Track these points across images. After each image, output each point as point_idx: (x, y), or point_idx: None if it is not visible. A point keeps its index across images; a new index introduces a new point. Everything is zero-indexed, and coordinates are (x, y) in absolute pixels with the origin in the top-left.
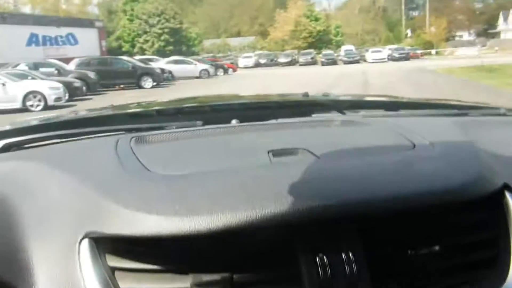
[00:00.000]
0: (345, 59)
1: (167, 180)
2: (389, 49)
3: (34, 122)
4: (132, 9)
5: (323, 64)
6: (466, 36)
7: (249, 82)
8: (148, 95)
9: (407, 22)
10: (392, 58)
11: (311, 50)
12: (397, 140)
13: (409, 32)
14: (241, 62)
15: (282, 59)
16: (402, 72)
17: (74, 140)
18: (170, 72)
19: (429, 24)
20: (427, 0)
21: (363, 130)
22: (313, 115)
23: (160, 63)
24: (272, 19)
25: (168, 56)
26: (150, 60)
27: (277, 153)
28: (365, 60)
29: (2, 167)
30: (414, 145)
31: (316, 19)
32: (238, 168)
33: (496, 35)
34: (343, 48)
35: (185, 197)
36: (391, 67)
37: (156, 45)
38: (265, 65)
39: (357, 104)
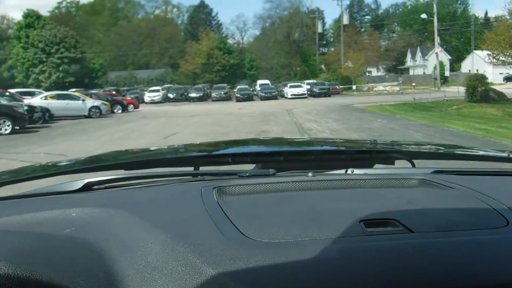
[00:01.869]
0: (262, 94)
1: (269, 250)
2: (308, 83)
3: (110, 159)
4: (27, 36)
5: (238, 99)
6: (374, 72)
7: (149, 127)
8: None
9: (319, 57)
10: (312, 94)
11: (225, 85)
12: (487, 211)
13: (323, 67)
14: (148, 96)
15: (193, 94)
16: (334, 112)
17: (155, 184)
18: (46, 110)
19: (344, 59)
20: (341, 35)
21: (448, 195)
22: (386, 168)
23: (35, 99)
24: (183, 51)
25: (67, 88)
26: (30, 93)
27: (369, 223)
28: (283, 96)
29: (92, 211)
30: (508, 222)
31: (229, 52)
32: (336, 238)
33: (404, 71)
34: (259, 82)
35: (288, 271)
36: (317, 105)
37: (53, 76)
38: (174, 100)
39: (426, 155)
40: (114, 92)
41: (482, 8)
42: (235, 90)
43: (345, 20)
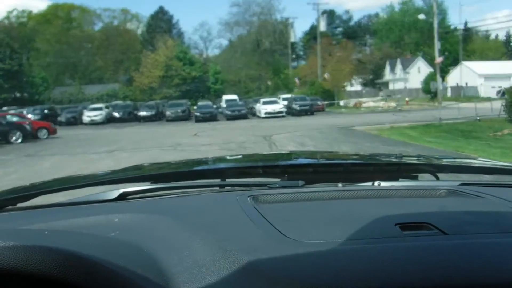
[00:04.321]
0: (228, 112)
1: (311, 248)
2: (284, 99)
3: (145, 171)
4: None
5: (197, 119)
6: (348, 86)
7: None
8: None
9: (291, 70)
10: (292, 112)
11: (183, 101)
12: None
13: (297, 80)
14: (87, 116)
15: (142, 112)
16: (342, 142)
17: (188, 194)
18: None
19: (322, 71)
20: (318, 43)
21: (477, 203)
22: (412, 181)
23: None
24: (139, 63)
25: (1, 106)
26: None
27: (404, 227)
28: (254, 114)
29: (134, 217)
30: None
31: (191, 63)
32: (374, 238)
33: (383, 85)
34: (224, 98)
35: (332, 268)
36: (304, 128)
37: None
38: (121, 120)
39: (450, 168)
40: (19, 112)
41: (452, 18)
42: (195, 107)
43: (322, 27)
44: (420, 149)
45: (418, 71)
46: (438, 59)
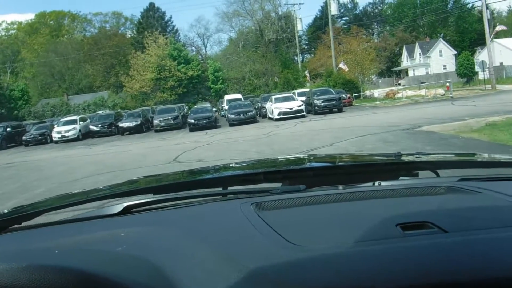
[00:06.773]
0: (232, 116)
1: (314, 253)
2: (300, 93)
3: (146, 183)
4: None
5: (192, 128)
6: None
7: None
8: None
9: (298, 64)
10: (314, 110)
11: (175, 106)
12: None
13: (307, 74)
14: (56, 132)
15: (124, 124)
16: None
17: (191, 205)
18: None
19: (337, 62)
20: (330, 28)
21: (476, 199)
22: (412, 179)
23: None
24: (128, 66)
25: None
26: None
27: (405, 227)
28: (264, 115)
29: (139, 231)
30: None
31: (187, 61)
32: (376, 240)
33: (401, 72)
34: (227, 98)
35: (335, 271)
36: (349, 134)
37: None
38: (100, 133)
39: (450, 164)
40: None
41: None
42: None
43: (333, 10)
44: None
45: (440, 55)
46: (499, 27)
